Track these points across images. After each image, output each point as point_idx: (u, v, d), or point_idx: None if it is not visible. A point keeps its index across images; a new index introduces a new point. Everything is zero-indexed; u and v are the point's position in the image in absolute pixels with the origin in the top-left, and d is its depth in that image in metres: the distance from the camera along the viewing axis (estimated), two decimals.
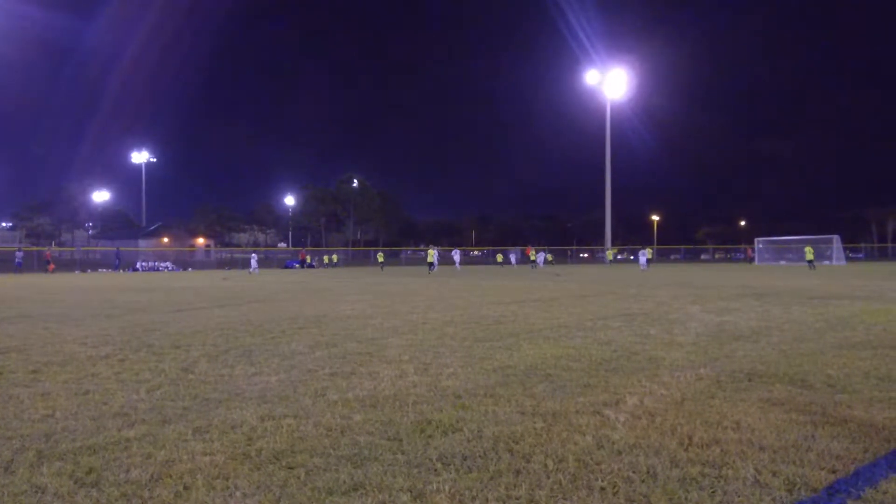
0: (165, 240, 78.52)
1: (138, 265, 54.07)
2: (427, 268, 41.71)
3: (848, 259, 60.51)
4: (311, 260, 61.27)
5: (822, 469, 3.14)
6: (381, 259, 57.56)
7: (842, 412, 4.18)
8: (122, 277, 36.38)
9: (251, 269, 42.64)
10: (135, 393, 5.02)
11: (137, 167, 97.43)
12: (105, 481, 3.11)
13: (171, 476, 3.16)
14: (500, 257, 60.77)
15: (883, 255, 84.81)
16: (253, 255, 47.59)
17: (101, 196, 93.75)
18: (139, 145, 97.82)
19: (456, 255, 51.04)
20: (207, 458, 3.40)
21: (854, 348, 6.80)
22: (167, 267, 55.67)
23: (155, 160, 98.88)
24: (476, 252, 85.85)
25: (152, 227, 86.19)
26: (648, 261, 47.39)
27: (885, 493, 2.84)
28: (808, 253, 44.07)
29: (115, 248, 56.99)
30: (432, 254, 42.15)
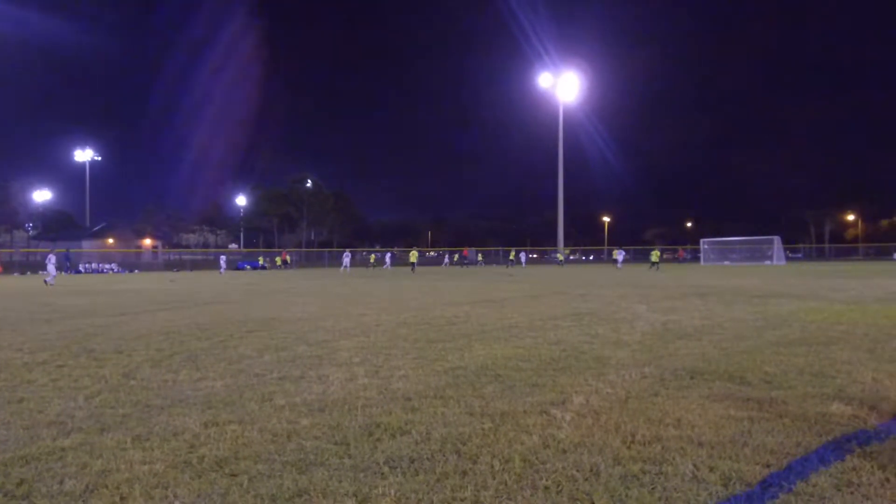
0: (110, 241, 75.95)
1: (81, 267, 52.21)
2: (410, 268, 45.09)
3: (788, 259, 62.93)
4: (262, 261, 60.32)
5: (757, 464, 3.25)
6: (413, 259, 48.26)
7: (777, 408, 4.34)
8: (64, 280, 35.02)
9: (221, 271, 42.97)
10: (72, 400, 4.84)
11: (81, 165, 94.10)
12: (37, 493, 2.99)
13: (106, 486, 3.06)
14: (413, 255, 49.84)
15: (820, 255, 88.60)
16: (222, 256, 47.67)
17: (42, 195, 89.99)
18: (83, 143, 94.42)
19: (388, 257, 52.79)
20: (146, 467, 3.30)
21: (790, 345, 7.07)
22: (112, 269, 53.93)
23: (99, 158, 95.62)
24: (432, 253, 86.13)
25: (97, 228, 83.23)
26: (625, 260, 51.44)
27: (814, 485, 2.96)
28: (654, 256, 46.22)
29: (64, 250, 54.74)
30: (415, 255, 45.44)
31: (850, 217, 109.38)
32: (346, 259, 48.21)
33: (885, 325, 8.72)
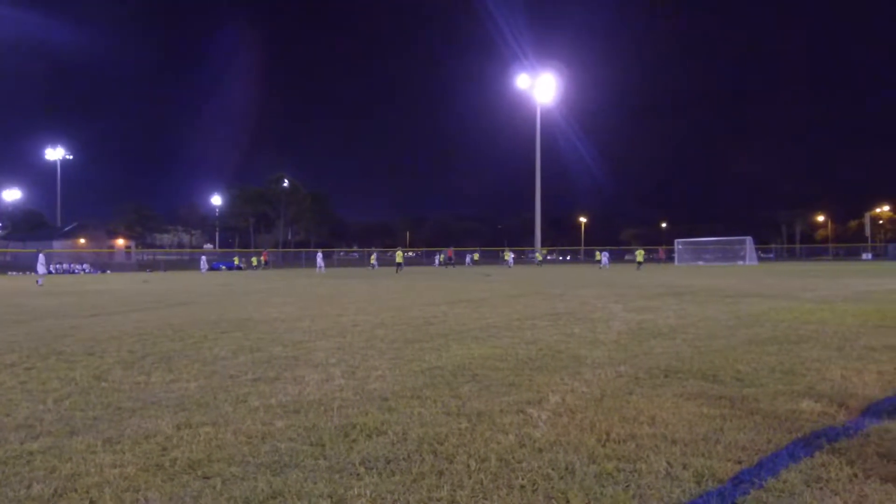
0: (82, 241, 74.44)
1: (52, 268, 51.18)
2: (395, 268, 45.71)
3: (760, 259, 64.06)
4: (238, 261, 59.72)
5: (729, 460, 3.30)
6: (399, 259, 47.67)
7: (748, 405, 4.40)
8: (31, 280, 34.29)
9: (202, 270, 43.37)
10: (41, 403, 4.74)
11: (52, 164, 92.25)
12: (4, 497, 2.92)
13: (76, 490, 3.00)
14: (399, 256, 50.04)
15: (791, 255, 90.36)
16: (203, 256, 47.79)
17: (11, 194, 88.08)
18: (53, 141, 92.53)
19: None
20: (117, 471, 3.24)
21: (762, 344, 7.18)
22: (84, 269, 52.94)
23: (71, 157, 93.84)
24: (411, 253, 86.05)
25: (68, 228, 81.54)
26: (609, 261, 52.84)
27: (785, 482, 3.00)
28: (639, 255, 47.31)
29: (36, 251, 53.52)
30: (400, 255, 46.24)
31: (820, 218, 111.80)
32: (320, 259, 48.86)
33: (853, 324, 8.90)
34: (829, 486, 2.95)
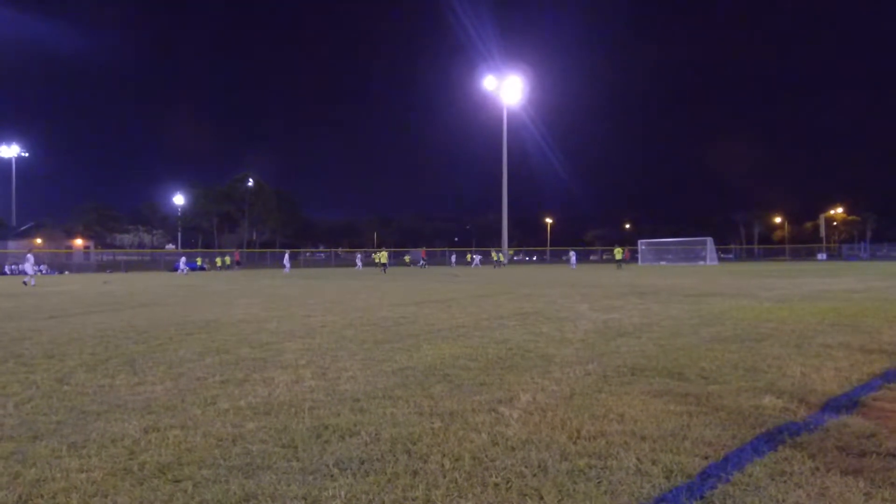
0: (39, 241, 72.25)
1: (6, 269, 49.54)
2: (381, 268, 47.03)
3: (720, 259, 65.56)
4: (201, 262, 58.68)
5: (696, 456, 3.38)
6: (383, 259, 48.10)
7: (713, 402, 4.51)
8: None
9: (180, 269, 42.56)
10: (1, 408, 4.60)
11: (7, 162, 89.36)
12: None
13: (41, 496, 2.92)
14: (383, 256, 49.45)
15: (750, 256, 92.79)
16: (182, 258, 47.39)
17: None
18: (8, 139, 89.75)
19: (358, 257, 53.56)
20: (84, 475, 3.17)
21: (724, 342, 7.37)
22: (40, 270, 51.33)
23: (27, 155, 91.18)
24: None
25: (24, 227, 79.18)
26: (577, 261, 54.13)
27: (750, 475, 3.09)
28: (617, 253, 48.29)
29: (18, 251, 51.84)
30: (385, 255, 47.64)
31: (777, 219, 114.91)
32: (287, 260, 48.82)
33: (811, 322, 9.19)
34: (792, 479, 3.05)
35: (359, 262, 57.56)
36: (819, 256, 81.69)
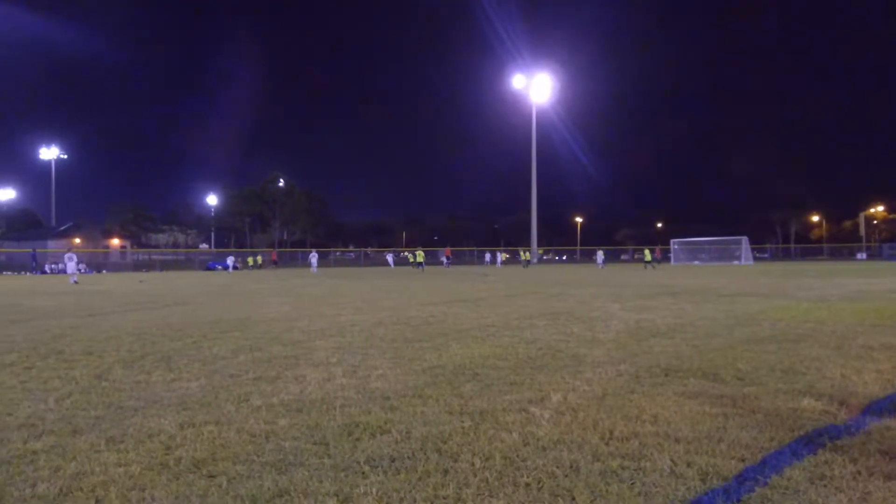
0: (77, 240, 74.20)
1: (47, 268, 51.00)
2: (417, 267, 47.93)
3: (755, 259, 64.24)
4: (234, 262, 59.57)
5: (733, 458, 3.31)
6: (420, 258, 48.43)
7: (750, 404, 4.42)
8: (30, 280, 34.18)
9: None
10: (42, 402, 4.73)
11: (46, 164, 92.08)
12: (9, 497, 2.92)
13: (81, 489, 2.99)
14: (420, 255, 50.09)
15: (786, 255, 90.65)
16: (230, 257, 48.33)
17: (5, 194, 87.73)
18: (48, 141, 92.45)
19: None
20: (122, 469, 3.24)
21: (761, 343, 7.21)
22: (79, 269, 52.69)
23: (66, 157, 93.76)
24: (407, 253, 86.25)
25: (63, 227, 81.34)
26: (604, 261, 53.76)
27: (788, 479, 3.02)
28: (647, 255, 47.76)
29: (31, 250, 53.49)
30: (421, 255, 48.43)
31: (815, 218, 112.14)
32: (314, 259, 49.46)
33: (851, 323, 8.95)
34: (833, 483, 2.97)
35: (390, 261, 58.12)
36: (858, 256, 79.58)
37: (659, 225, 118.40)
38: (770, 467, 3.17)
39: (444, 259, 62.92)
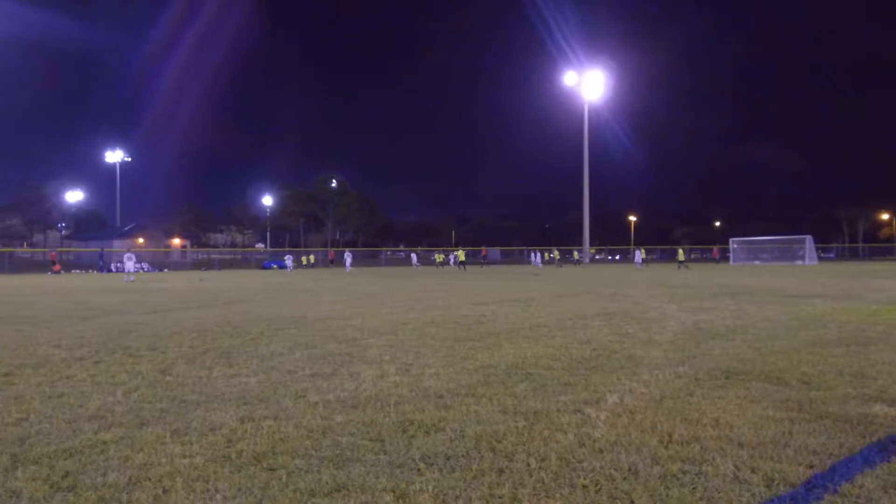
0: (140, 240, 77.34)
1: (112, 266, 53.28)
2: (459, 267, 48.64)
3: (820, 259, 61.65)
4: (292, 261, 60.94)
5: (800, 464, 3.19)
6: (461, 257, 49.06)
7: (817, 408, 4.25)
8: (97, 279, 35.78)
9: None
10: (111, 395, 4.94)
11: (112, 166, 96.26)
12: (81, 485, 3.05)
13: (149, 479, 3.11)
14: (461, 255, 50.56)
15: (854, 255, 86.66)
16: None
17: (74, 196, 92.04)
18: (113, 144, 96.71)
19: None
20: (186, 461, 3.35)
21: (827, 346, 6.92)
22: (142, 268, 54.85)
23: (130, 159, 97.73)
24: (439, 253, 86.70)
25: (127, 228, 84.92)
26: (644, 260, 51.83)
27: (860, 487, 2.89)
28: (680, 254, 46.23)
29: (98, 249, 56.16)
30: (462, 254, 49.19)
31: (885, 216, 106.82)
32: (349, 259, 50.93)
33: None
34: None
35: (414, 261, 58.69)
36: None
37: (717, 223, 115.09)
38: (840, 475, 3.04)
39: (481, 259, 62.75)
